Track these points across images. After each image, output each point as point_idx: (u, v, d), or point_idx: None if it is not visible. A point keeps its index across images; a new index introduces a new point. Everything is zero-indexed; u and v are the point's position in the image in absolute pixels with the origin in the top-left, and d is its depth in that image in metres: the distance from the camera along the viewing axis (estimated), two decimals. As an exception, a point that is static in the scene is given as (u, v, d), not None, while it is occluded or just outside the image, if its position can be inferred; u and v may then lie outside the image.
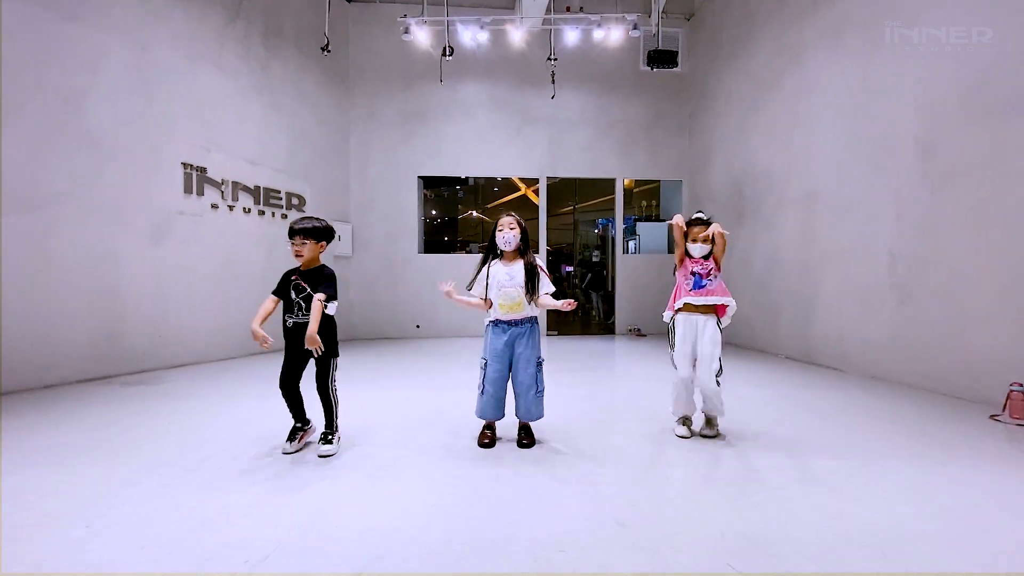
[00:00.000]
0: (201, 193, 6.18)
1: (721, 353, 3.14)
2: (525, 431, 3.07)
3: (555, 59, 8.29)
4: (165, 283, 5.77)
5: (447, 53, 7.86)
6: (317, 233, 3.00)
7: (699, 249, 3.20)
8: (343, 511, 2.16)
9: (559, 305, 2.78)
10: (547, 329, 9.46)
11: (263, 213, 7.03)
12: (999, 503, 2.26)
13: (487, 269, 3.06)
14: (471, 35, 8.09)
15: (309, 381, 3.02)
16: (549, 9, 8.13)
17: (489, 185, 18.43)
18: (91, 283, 5.08)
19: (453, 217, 19.89)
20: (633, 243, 10.19)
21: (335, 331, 3.05)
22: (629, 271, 9.46)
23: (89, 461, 2.77)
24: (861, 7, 5.31)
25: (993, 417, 3.63)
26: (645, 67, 8.75)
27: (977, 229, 4.13)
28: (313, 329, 2.73)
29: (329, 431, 3.00)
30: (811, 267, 6.10)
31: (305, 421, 3.04)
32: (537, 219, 9.43)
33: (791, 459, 2.77)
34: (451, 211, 19.88)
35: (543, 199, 9.40)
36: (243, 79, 6.79)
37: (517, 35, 8.16)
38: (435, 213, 19.87)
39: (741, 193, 7.58)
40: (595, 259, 11.86)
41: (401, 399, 4.32)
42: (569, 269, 16.29)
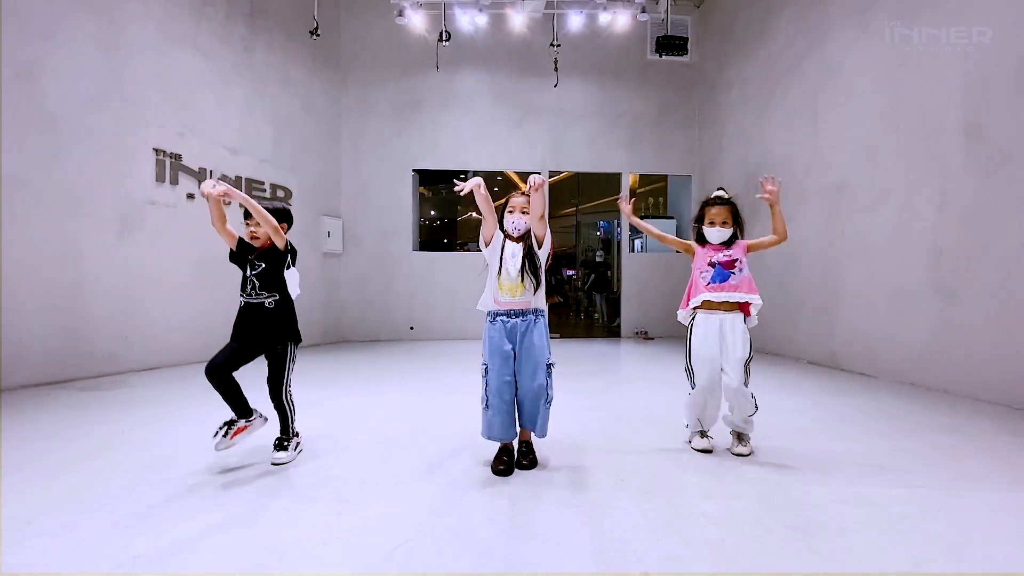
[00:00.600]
0: (175, 182, 5.70)
1: (752, 357, 2.65)
2: (527, 447, 2.56)
3: (558, 45, 7.83)
4: (133, 279, 5.27)
5: (444, 38, 7.40)
6: (276, 214, 2.60)
7: (717, 234, 2.73)
8: (290, 557, 1.67)
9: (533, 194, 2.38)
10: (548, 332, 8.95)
11: (245, 205, 6.53)
12: None
13: (502, 241, 2.55)
14: (469, 19, 7.64)
15: (258, 380, 2.54)
16: (552, -8, 7.68)
17: (489, 184, 17.96)
18: (49, 278, 4.60)
19: (452, 218, 19.42)
20: (639, 242, 9.71)
21: (294, 321, 2.65)
22: (635, 271, 8.97)
23: (13, 481, 2.27)
24: (895, -22, 4.85)
25: (1067, 432, 3.13)
26: (653, 55, 8.30)
27: (1039, 217, 3.65)
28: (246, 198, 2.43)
29: (285, 436, 2.58)
30: (836, 264, 5.61)
31: (247, 412, 2.56)
32: (538, 216, 8.93)
33: (851, 486, 2.26)
34: (450, 212, 19.41)
35: (545, 196, 8.90)
36: (223, 61, 6.32)
37: (518, 20, 7.71)
38: (433, 214, 19.40)
39: (757, 186, 7.07)
40: (599, 259, 11.36)
41: (386, 407, 3.82)
42: (571, 272, 15.77)
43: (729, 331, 2.63)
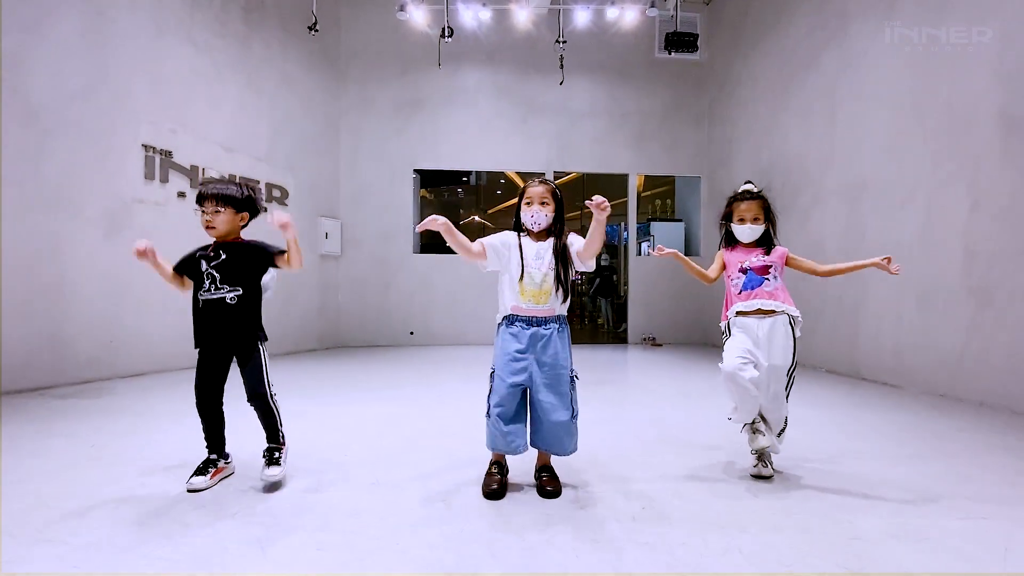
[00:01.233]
0: (165, 180, 5.47)
1: (796, 366, 2.37)
2: (548, 473, 2.26)
3: (564, 42, 7.59)
4: (119, 281, 5.03)
5: (446, 35, 7.17)
6: (236, 201, 2.25)
7: (749, 231, 2.44)
8: (256, 609, 1.40)
9: (596, 221, 2.03)
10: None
11: (239, 205, 6.30)
12: None
13: (517, 240, 2.24)
14: (472, 15, 7.42)
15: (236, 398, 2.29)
16: (558, -13, 7.46)
17: (491, 187, 17.77)
18: (29, 279, 4.36)
19: (454, 221, 19.21)
20: (646, 245, 9.45)
21: (259, 314, 2.36)
22: (643, 275, 8.70)
23: None
24: (921, -34, 4.60)
25: None
26: (662, 52, 8.06)
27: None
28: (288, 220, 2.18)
29: (275, 444, 2.31)
30: (857, 268, 5.33)
31: (224, 454, 2.34)
32: (543, 218, 8.69)
33: (905, 518, 1.99)
34: (452, 215, 19.19)
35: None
36: (218, 55, 6.10)
37: (523, 15, 7.49)
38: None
39: (771, 187, 6.76)
40: (604, 263, 11.10)
41: (381, 419, 3.56)
42: (575, 277, 15.53)
43: (769, 335, 2.32)
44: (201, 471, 2.24)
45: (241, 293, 2.25)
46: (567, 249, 2.23)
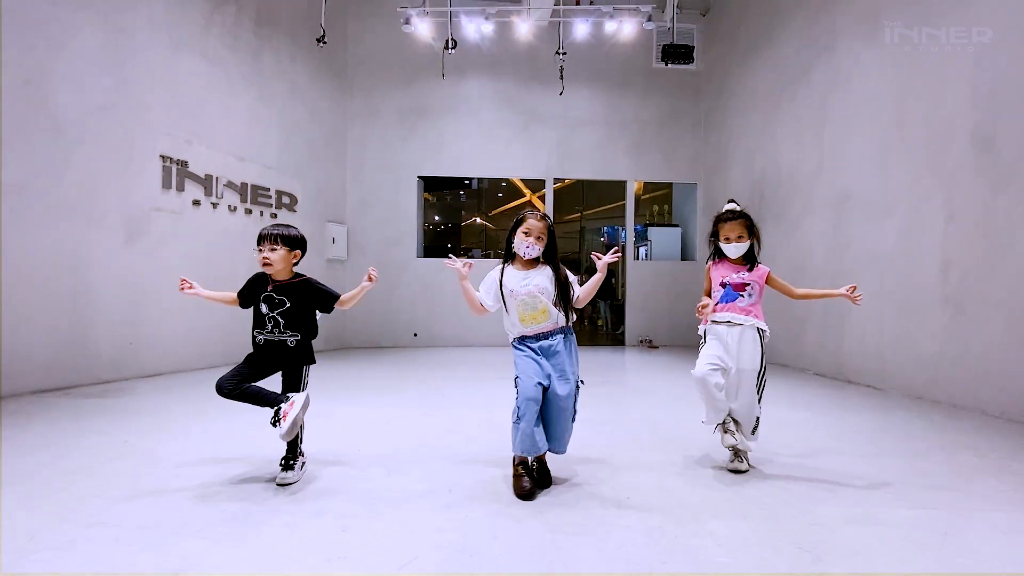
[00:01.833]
0: (181, 188, 5.72)
1: (765, 370, 2.63)
2: (540, 466, 2.50)
3: (564, 54, 7.83)
4: (139, 286, 5.28)
5: (450, 46, 7.42)
6: (292, 241, 2.52)
7: (735, 249, 2.69)
8: (293, 578, 1.65)
9: (602, 269, 2.48)
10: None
11: (250, 212, 6.56)
12: None
13: (498, 277, 2.50)
14: (475, 27, 7.65)
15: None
16: (558, 1, 7.69)
17: (493, 190, 18.01)
18: (55, 284, 4.61)
19: (456, 223, 19.46)
20: (644, 249, 9.69)
21: (311, 349, 2.63)
22: (640, 279, 8.94)
23: (15, 493, 2.26)
24: (903, -11, 4.83)
25: (1081, 450, 3.08)
26: (659, 63, 8.29)
27: (1050, 231, 3.61)
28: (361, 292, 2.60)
29: (291, 456, 2.52)
30: (843, 275, 5.55)
31: (280, 398, 2.40)
32: (543, 223, 8.93)
33: (863, 508, 2.23)
34: (454, 217, 19.44)
35: (549, 202, 8.90)
36: (231, 68, 6.35)
37: (524, 28, 7.72)
38: (437, 219, 19.43)
39: (763, 196, 7.07)
40: (603, 266, 11.33)
41: (389, 419, 3.80)
42: (574, 278, 15.81)
43: (738, 341, 2.59)
44: (275, 421, 2.30)
45: (300, 338, 2.50)
46: (568, 289, 2.48)
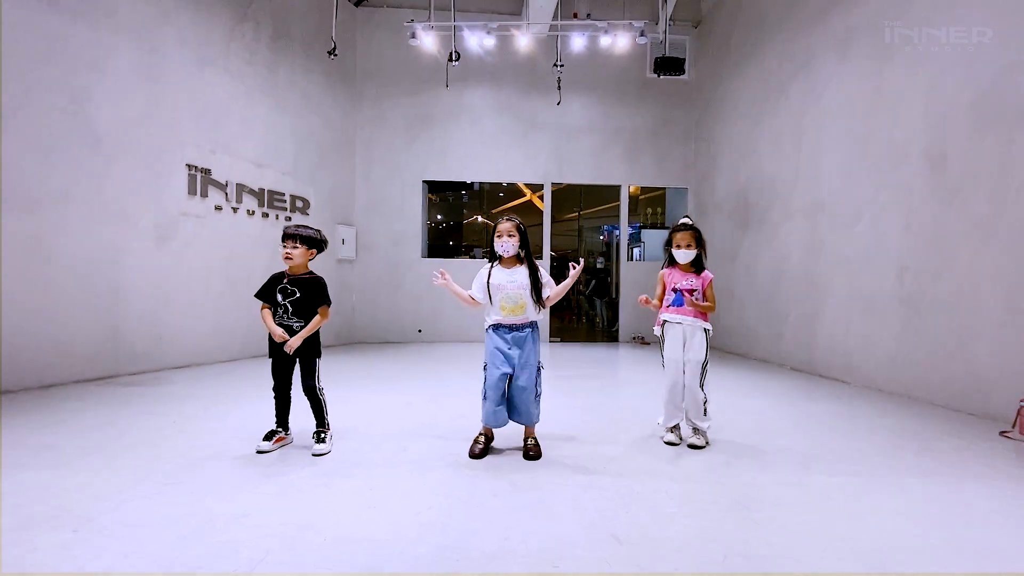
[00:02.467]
0: (205, 195, 6.19)
1: (708, 361, 3.14)
2: (532, 440, 3.01)
3: (561, 65, 8.27)
4: (167, 284, 5.76)
5: (453, 58, 7.87)
6: (310, 240, 3.05)
7: (684, 255, 3.20)
8: (335, 520, 2.12)
9: (570, 280, 2.91)
10: (550, 336, 9.41)
11: (267, 215, 7.03)
12: (1009, 522, 2.19)
13: (487, 273, 3.03)
14: (477, 41, 8.08)
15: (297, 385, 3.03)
16: (556, 15, 8.13)
17: (494, 190, 18.43)
18: (94, 283, 5.08)
19: (458, 222, 19.89)
20: (638, 250, 10.14)
21: (318, 335, 3.09)
22: (633, 279, 9.40)
23: (83, 464, 2.74)
24: (870, 16, 5.26)
25: (1003, 434, 3.55)
26: (652, 74, 8.72)
27: (985, 241, 4.07)
28: (299, 339, 2.89)
29: (322, 429, 3.03)
30: (817, 278, 6.03)
31: (286, 427, 3.09)
32: (541, 225, 9.40)
33: (795, 475, 2.70)
34: (456, 215, 19.88)
35: (547, 205, 9.37)
36: (249, 81, 6.81)
37: (523, 41, 8.15)
38: (440, 217, 19.88)
39: (747, 201, 7.53)
40: (599, 266, 11.80)
41: (400, 405, 4.28)
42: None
43: (689, 338, 3.13)
44: (267, 438, 2.96)
45: (304, 324, 2.99)
46: (539, 281, 2.99)
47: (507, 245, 2.99)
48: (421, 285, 8.96)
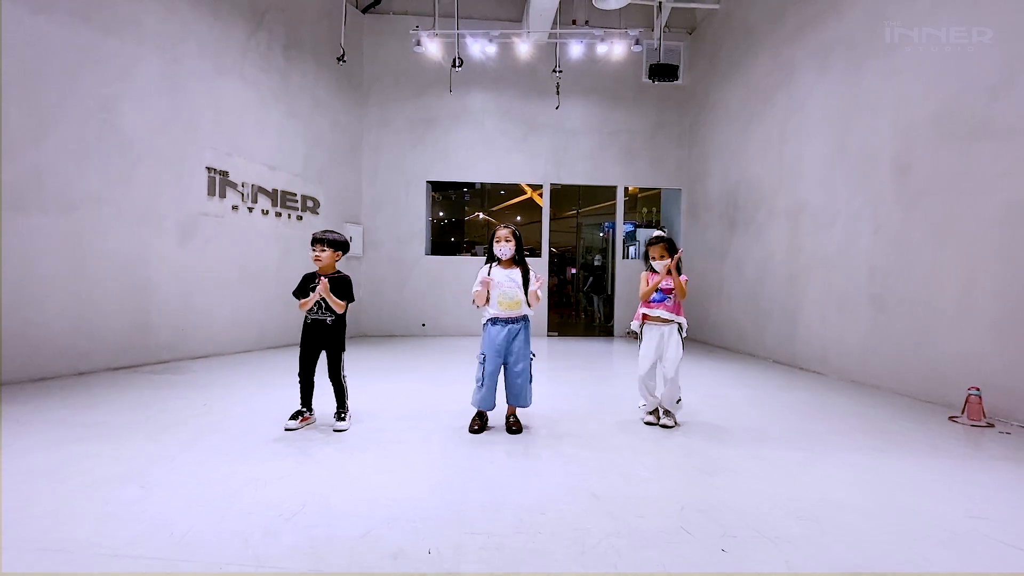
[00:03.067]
0: (223, 195, 6.58)
1: (681, 361, 3.56)
2: (514, 417, 3.44)
3: (560, 71, 8.64)
4: (189, 280, 6.16)
5: (456, 64, 8.23)
6: (336, 244, 3.46)
7: (660, 265, 3.59)
8: (358, 481, 2.52)
9: (532, 287, 3.35)
10: (547, 331, 9.80)
11: (280, 215, 7.42)
12: (939, 489, 2.58)
13: (488, 270, 3.45)
14: (480, 47, 8.45)
15: (322, 373, 3.42)
16: (555, 24, 8.48)
17: (495, 189, 18.79)
18: (123, 279, 5.48)
19: (460, 219, 20.27)
20: (633, 248, 10.51)
21: (344, 330, 3.50)
22: (627, 275, 9.78)
23: (133, 436, 3.14)
24: (848, 30, 5.62)
25: (952, 418, 3.94)
26: (647, 79, 9.08)
27: (942, 243, 4.45)
28: (327, 287, 3.30)
29: (342, 410, 3.44)
30: (797, 276, 6.41)
31: (310, 408, 3.49)
32: (540, 223, 9.78)
33: (756, 449, 3.10)
34: (458, 213, 20.25)
35: (546, 205, 9.74)
36: (263, 88, 7.18)
37: (524, 48, 8.52)
38: (442, 215, 20.25)
39: (736, 202, 7.89)
40: (597, 263, 12.18)
41: (407, 392, 4.67)
42: (573, 271, 16.76)
43: (667, 339, 3.51)
44: (293, 417, 3.36)
45: (334, 318, 3.41)
46: (527, 272, 3.43)
47: (505, 249, 3.42)
48: (425, 281, 9.36)
